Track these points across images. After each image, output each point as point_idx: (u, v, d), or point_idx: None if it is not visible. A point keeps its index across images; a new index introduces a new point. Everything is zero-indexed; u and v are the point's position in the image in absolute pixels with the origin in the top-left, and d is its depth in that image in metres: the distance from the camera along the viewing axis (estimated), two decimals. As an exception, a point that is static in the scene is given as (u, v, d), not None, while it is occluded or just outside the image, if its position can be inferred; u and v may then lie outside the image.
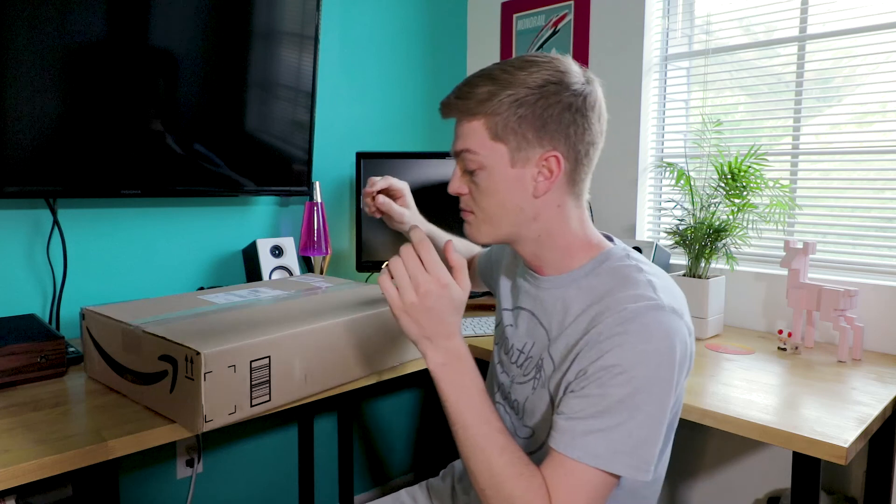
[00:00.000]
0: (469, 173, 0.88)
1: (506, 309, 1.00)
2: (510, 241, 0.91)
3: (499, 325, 1.03)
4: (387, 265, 0.81)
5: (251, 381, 1.01)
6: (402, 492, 1.20)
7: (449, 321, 0.80)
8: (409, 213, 1.22)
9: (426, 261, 0.79)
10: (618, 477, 0.78)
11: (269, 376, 1.04)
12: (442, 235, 1.25)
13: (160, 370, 1.01)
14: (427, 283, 0.78)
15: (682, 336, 0.79)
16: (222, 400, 0.97)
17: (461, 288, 0.81)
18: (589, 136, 0.85)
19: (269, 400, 1.05)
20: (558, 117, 0.83)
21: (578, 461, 0.76)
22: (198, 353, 0.93)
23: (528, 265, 0.94)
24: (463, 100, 0.86)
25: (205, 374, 0.94)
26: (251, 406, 1.02)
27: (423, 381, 2.33)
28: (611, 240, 0.93)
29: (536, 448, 0.90)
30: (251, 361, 1.01)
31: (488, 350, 1.39)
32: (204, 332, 1.03)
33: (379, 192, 1.21)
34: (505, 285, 1.03)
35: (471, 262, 1.28)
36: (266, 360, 1.03)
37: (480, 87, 0.85)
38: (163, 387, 1.01)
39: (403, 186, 1.23)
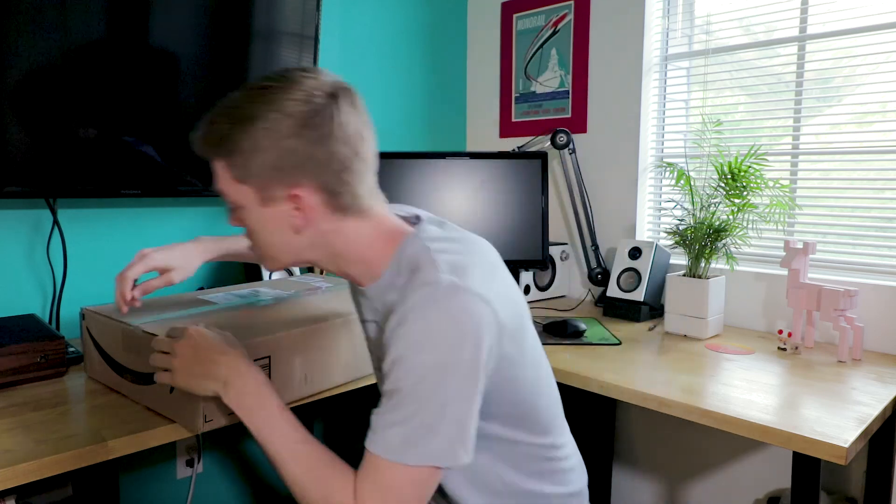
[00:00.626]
0: (233, 210, 0.86)
1: (363, 321, 0.97)
2: (304, 265, 0.88)
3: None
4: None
5: (251, 381, 1.01)
6: None
7: (207, 357, 0.87)
8: (179, 276, 1.14)
9: (160, 342, 0.91)
10: (434, 468, 0.76)
11: (270, 376, 1.04)
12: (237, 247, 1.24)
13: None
14: (175, 351, 0.89)
15: (467, 309, 0.75)
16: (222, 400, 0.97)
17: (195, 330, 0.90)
18: (336, 163, 0.80)
19: (269, 400, 1.05)
20: (291, 154, 0.78)
21: (379, 456, 0.76)
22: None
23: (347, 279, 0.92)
24: (200, 140, 0.84)
25: (205, 373, 0.94)
26: (251, 406, 1.02)
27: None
28: (412, 222, 0.90)
29: None
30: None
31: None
32: (204, 331, 1.03)
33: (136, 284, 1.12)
34: (353, 300, 1.00)
35: None
36: (266, 361, 1.03)
37: (214, 125, 0.82)
38: (163, 387, 1.01)
39: (166, 258, 1.12)
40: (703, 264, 1.62)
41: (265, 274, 1.69)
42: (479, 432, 0.84)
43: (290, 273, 1.74)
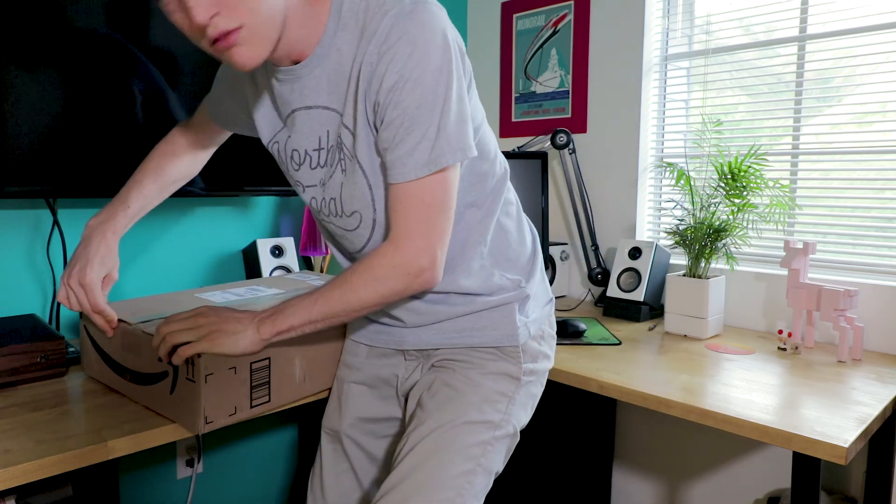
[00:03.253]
0: None
1: (278, 131, 0.95)
2: (274, 43, 0.81)
3: (278, 151, 0.98)
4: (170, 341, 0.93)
5: (251, 383, 1.01)
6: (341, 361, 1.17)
7: (230, 316, 0.93)
8: (116, 272, 1.09)
9: (176, 318, 0.94)
10: (454, 166, 0.84)
11: (269, 377, 1.04)
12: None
13: (160, 371, 1.01)
14: (198, 321, 0.93)
15: (437, 15, 0.80)
16: (223, 401, 0.97)
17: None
18: None
19: (269, 401, 1.05)
20: None
21: (413, 181, 0.81)
22: (199, 356, 0.93)
23: (280, 63, 0.87)
24: None
25: (206, 376, 0.94)
26: (251, 407, 1.02)
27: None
28: None
29: (369, 231, 0.93)
30: (251, 363, 1.01)
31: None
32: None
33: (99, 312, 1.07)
34: (264, 112, 0.96)
35: (200, 125, 1.17)
36: (266, 362, 1.03)
37: None
38: (163, 387, 1.01)
39: (96, 269, 1.05)
40: (703, 264, 1.62)
41: (265, 274, 1.69)
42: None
43: (288, 271, 1.74)
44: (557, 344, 1.50)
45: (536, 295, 1.06)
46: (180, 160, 1.19)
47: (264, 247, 1.72)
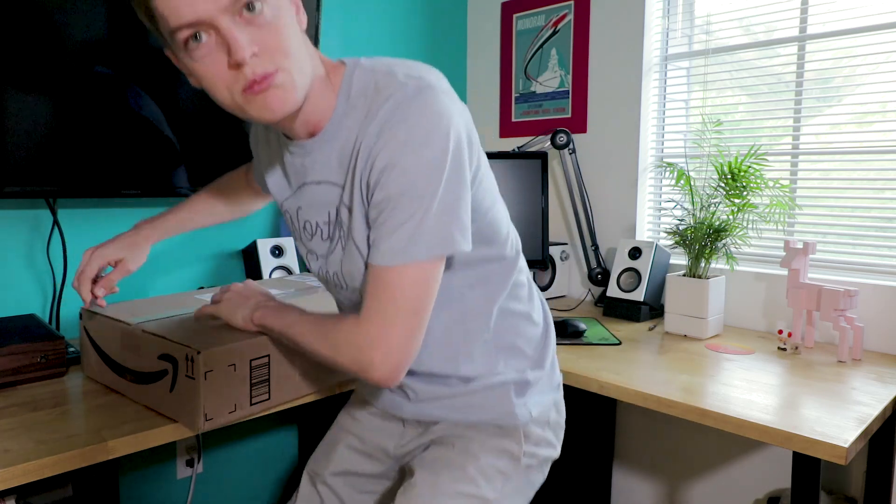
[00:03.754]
0: (249, 10, 0.71)
1: (287, 197, 0.95)
2: (303, 96, 0.80)
3: (290, 218, 0.98)
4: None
5: (251, 380, 1.01)
6: (342, 414, 1.17)
7: (249, 293, 1.04)
8: (134, 265, 1.14)
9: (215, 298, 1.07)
10: (437, 260, 0.79)
11: (269, 375, 1.04)
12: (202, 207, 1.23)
13: (160, 369, 1.01)
14: (224, 295, 1.06)
15: (440, 102, 0.77)
16: (222, 399, 0.97)
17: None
18: None
19: (269, 398, 1.05)
20: None
21: (385, 266, 0.78)
22: (198, 353, 0.93)
23: (293, 133, 0.87)
24: None
25: (205, 373, 0.94)
26: (251, 405, 1.02)
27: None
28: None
29: None
30: (251, 360, 1.01)
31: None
32: (204, 331, 1.03)
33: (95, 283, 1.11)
34: (275, 179, 0.97)
35: (243, 186, 1.23)
36: (266, 359, 1.03)
37: None
38: (163, 386, 1.01)
39: (114, 250, 1.11)
40: (703, 264, 1.62)
41: (266, 274, 1.69)
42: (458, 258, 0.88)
43: (290, 272, 1.74)
44: (558, 344, 1.49)
45: (539, 381, 1.00)
46: (231, 195, 1.25)
47: (264, 247, 1.72)
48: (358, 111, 0.81)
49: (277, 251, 1.74)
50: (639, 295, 1.75)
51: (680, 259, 1.86)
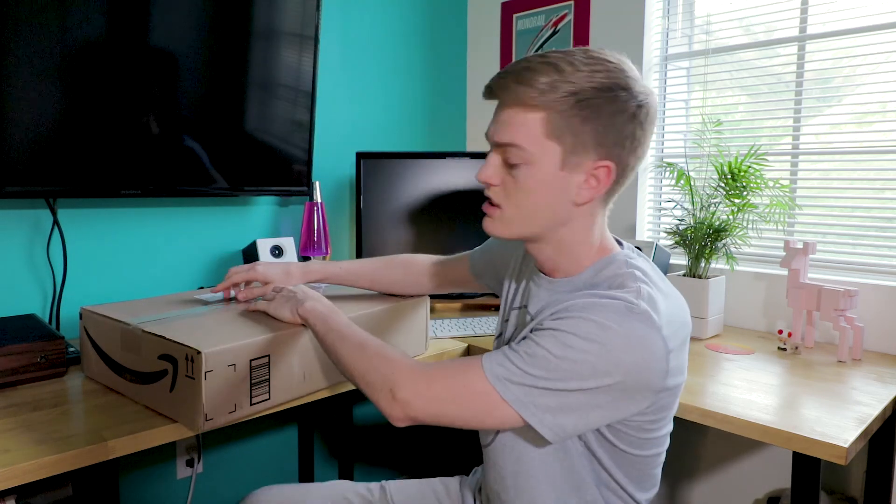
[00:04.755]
0: (509, 166, 0.82)
1: (514, 308, 0.99)
2: (529, 240, 0.87)
3: (501, 323, 1.03)
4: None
5: (251, 380, 1.01)
6: (437, 480, 1.21)
7: (296, 293, 1.08)
8: (279, 280, 1.21)
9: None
10: (513, 413, 0.76)
11: (269, 375, 1.04)
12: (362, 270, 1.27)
13: (160, 369, 1.01)
14: (274, 295, 1.12)
15: (648, 338, 0.74)
16: (223, 399, 0.97)
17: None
18: (641, 150, 0.82)
19: (269, 398, 1.05)
20: (621, 126, 0.78)
21: (477, 365, 0.78)
22: (199, 352, 0.93)
23: (540, 267, 0.92)
24: (523, 86, 0.77)
25: (205, 372, 0.94)
26: (251, 405, 1.02)
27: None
28: (620, 244, 0.91)
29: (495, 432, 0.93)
30: (251, 360, 1.01)
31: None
32: (203, 330, 1.03)
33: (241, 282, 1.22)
34: (510, 287, 1.01)
35: (453, 265, 1.24)
36: (266, 359, 1.03)
37: (543, 74, 0.77)
38: (163, 386, 1.01)
39: (266, 271, 1.20)
40: (703, 264, 1.62)
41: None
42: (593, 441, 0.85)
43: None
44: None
45: None
46: (408, 271, 1.27)
47: (264, 247, 1.72)
48: (590, 287, 0.84)
49: (277, 251, 1.74)
50: (639, 295, 1.74)
51: (680, 259, 1.86)
